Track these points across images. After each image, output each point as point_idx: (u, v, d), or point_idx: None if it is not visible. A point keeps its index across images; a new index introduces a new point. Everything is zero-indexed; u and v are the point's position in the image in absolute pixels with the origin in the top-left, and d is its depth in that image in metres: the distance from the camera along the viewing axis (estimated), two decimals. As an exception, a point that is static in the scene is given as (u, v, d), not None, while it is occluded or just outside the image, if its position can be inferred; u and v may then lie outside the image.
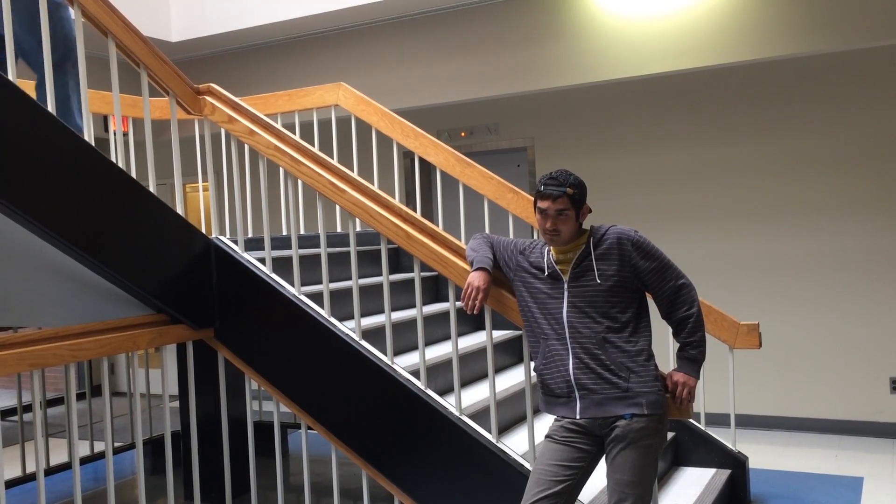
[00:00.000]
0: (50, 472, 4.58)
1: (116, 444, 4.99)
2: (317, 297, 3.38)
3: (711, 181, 5.76)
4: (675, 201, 5.87)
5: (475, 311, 2.76)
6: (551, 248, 2.67)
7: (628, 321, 2.57)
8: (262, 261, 3.44)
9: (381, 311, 3.42)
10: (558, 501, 2.50)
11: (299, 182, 4.00)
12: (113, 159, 4.19)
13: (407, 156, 6.32)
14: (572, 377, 2.55)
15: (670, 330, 2.70)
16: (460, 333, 4.11)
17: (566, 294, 2.59)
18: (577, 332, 2.55)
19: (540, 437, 2.82)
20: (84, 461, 4.79)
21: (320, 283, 3.41)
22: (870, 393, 5.33)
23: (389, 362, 3.19)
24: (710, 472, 3.91)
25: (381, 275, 3.33)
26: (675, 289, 2.61)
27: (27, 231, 2.77)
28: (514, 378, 3.89)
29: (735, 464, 3.95)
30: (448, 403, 3.10)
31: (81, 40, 3.05)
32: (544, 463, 2.56)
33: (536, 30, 5.49)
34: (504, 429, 3.50)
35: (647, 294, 2.67)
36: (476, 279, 2.75)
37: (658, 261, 2.60)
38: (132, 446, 5.03)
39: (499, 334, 4.10)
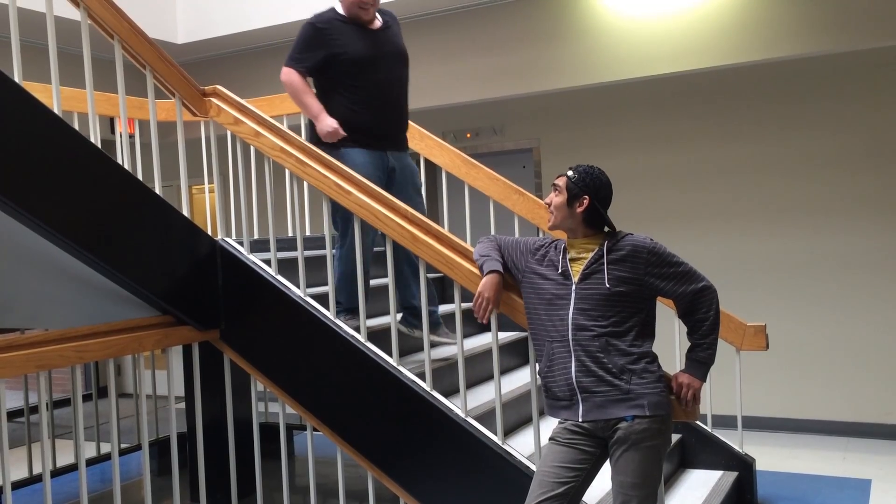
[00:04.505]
0: (56, 473, 4.60)
1: (123, 446, 5.00)
2: (322, 299, 3.38)
3: (718, 181, 5.74)
4: (681, 201, 5.85)
5: (485, 321, 2.79)
6: (567, 246, 2.67)
7: (633, 326, 2.55)
8: (268, 262, 3.44)
9: (387, 313, 3.42)
10: (562, 503, 2.49)
11: (305, 184, 4.00)
12: (119, 161, 4.21)
13: (412, 157, 6.31)
14: (574, 380, 2.54)
15: (676, 332, 2.69)
16: (466, 334, 4.09)
17: (573, 295, 2.58)
18: (581, 334, 2.54)
19: (546, 438, 2.81)
20: (90, 462, 4.80)
21: (326, 284, 3.41)
22: (877, 394, 5.31)
23: (395, 364, 3.18)
24: (717, 474, 3.90)
25: (386, 276, 3.32)
26: (696, 291, 2.59)
27: (33, 233, 2.78)
28: (519, 380, 3.88)
29: (742, 466, 3.93)
30: (453, 405, 3.10)
31: (87, 42, 3.06)
32: (548, 465, 2.56)
33: (542, 30, 5.49)
34: (510, 430, 3.49)
35: (657, 301, 2.66)
36: (486, 288, 2.76)
37: (676, 266, 2.59)
38: (138, 447, 5.03)
39: (504, 336, 4.09)
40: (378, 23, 3.54)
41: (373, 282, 3.54)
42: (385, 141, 3.53)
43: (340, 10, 3.49)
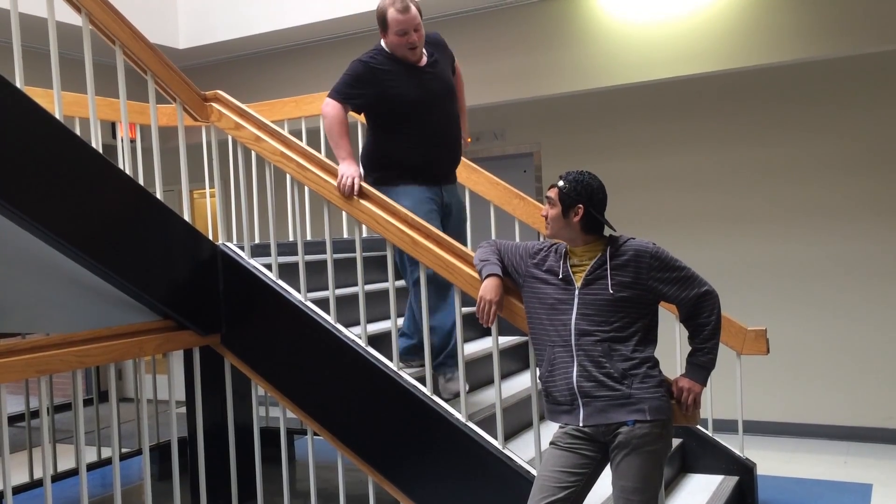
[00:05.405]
0: (57, 477, 4.60)
1: (124, 450, 5.01)
2: (323, 303, 3.38)
3: (719, 185, 5.75)
4: (682, 205, 5.86)
5: (489, 325, 2.78)
6: (568, 251, 2.67)
7: (636, 331, 2.56)
8: (269, 267, 3.45)
9: (388, 317, 3.42)
10: (563, 508, 2.49)
11: (305, 188, 4.01)
12: (120, 166, 4.22)
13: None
14: (575, 385, 2.54)
15: (677, 337, 2.69)
16: (466, 339, 4.10)
17: (576, 300, 2.58)
18: (584, 340, 2.54)
19: (546, 443, 2.81)
20: (91, 467, 4.81)
21: (326, 289, 3.42)
22: (879, 399, 5.30)
23: (395, 368, 3.19)
24: (718, 478, 3.89)
25: (387, 280, 3.33)
26: (698, 296, 2.59)
27: (34, 237, 2.78)
28: (520, 384, 3.88)
29: (743, 470, 3.92)
30: (454, 409, 3.10)
31: (89, 47, 3.06)
32: (548, 469, 2.56)
33: (543, 35, 5.50)
34: (510, 435, 3.49)
35: (659, 307, 2.66)
36: (488, 292, 2.75)
37: (679, 271, 2.59)
38: (139, 452, 5.04)
39: (505, 340, 4.09)
40: (425, 58, 3.47)
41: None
42: (440, 177, 3.48)
43: (387, 50, 3.39)
